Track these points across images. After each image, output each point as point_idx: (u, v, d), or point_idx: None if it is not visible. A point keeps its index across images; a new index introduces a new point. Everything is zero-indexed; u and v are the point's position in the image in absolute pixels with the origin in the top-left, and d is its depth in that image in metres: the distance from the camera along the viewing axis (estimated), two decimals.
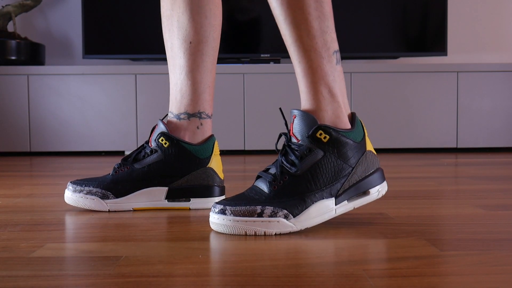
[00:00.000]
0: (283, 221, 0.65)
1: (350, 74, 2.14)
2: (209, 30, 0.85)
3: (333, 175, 0.67)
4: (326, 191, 0.67)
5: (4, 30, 2.22)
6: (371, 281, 0.47)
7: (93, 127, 2.10)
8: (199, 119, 0.85)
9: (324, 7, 0.68)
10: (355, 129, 0.69)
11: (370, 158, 0.70)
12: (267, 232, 0.64)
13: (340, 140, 0.67)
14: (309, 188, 0.66)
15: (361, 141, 0.70)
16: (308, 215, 0.66)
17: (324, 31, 0.68)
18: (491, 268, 0.51)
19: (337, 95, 0.70)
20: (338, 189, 0.67)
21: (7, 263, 0.54)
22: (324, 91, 0.69)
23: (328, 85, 0.69)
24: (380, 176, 0.71)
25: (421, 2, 2.25)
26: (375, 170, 0.71)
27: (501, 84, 2.16)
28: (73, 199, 0.83)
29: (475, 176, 1.28)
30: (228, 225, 0.65)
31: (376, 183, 0.70)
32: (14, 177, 1.32)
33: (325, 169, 0.67)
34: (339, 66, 0.71)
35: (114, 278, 0.49)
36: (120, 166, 0.84)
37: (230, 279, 0.48)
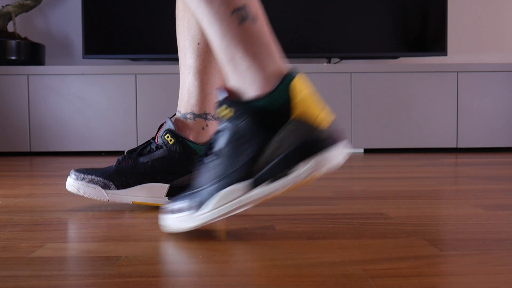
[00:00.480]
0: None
1: (350, 74, 2.14)
2: None
3: (242, 155, 0.60)
4: (236, 173, 0.60)
5: (4, 30, 2.22)
6: (371, 281, 0.47)
7: (93, 127, 2.10)
8: (205, 120, 0.85)
9: None
10: (273, 93, 0.58)
11: (297, 126, 0.57)
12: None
13: (239, 116, 0.59)
14: (216, 174, 0.62)
15: (278, 109, 0.58)
16: (220, 201, 0.61)
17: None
18: (491, 268, 0.51)
19: (237, 61, 0.60)
20: (251, 170, 0.59)
21: (7, 263, 0.54)
22: (234, 58, 0.60)
23: (234, 52, 0.60)
24: (307, 149, 0.57)
25: (421, 2, 2.25)
26: (302, 141, 0.58)
27: (501, 84, 2.16)
28: (74, 186, 0.83)
29: (475, 176, 1.28)
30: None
31: (296, 161, 0.57)
32: (14, 177, 1.32)
33: (232, 149, 0.60)
34: (247, 25, 0.60)
35: (114, 278, 0.49)
36: (124, 158, 0.85)
37: (230, 279, 0.48)
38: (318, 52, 2.26)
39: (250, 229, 0.69)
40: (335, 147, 0.58)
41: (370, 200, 0.92)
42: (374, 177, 1.26)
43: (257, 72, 0.59)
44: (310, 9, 2.23)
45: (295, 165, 0.57)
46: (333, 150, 0.57)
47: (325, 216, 0.78)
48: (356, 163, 1.68)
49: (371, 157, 1.92)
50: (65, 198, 0.97)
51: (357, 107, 2.14)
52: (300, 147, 0.57)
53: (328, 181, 1.18)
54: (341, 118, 2.13)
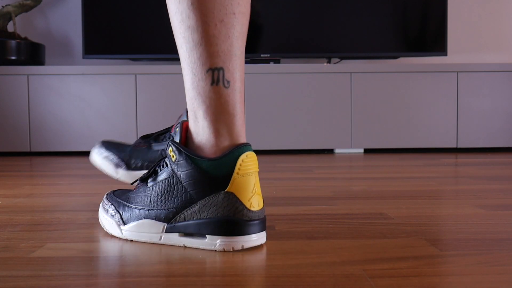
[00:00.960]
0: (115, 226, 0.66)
1: (350, 74, 2.14)
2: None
3: (171, 199, 0.60)
4: (159, 212, 0.61)
5: (4, 30, 2.22)
6: (371, 281, 0.47)
7: (93, 127, 2.10)
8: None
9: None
10: (219, 160, 0.58)
11: (227, 201, 0.57)
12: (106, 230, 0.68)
13: (181, 163, 0.59)
14: (147, 201, 0.62)
15: (218, 176, 0.58)
16: (137, 228, 0.63)
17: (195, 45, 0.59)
18: (491, 268, 0.51)
19: (199, 115, 0.60)
20: (171, 217, 0.60)
21: (7, 263, 0.54)
22: (196, 112, 0.61)
23: (197, 107, 0.60)
24: (225, 228, 0.57)
25: (421, 2, 2.25)
26: (224, 218, 0.57)
27: (501, 84, 2.16)
28: (92, 158, 0.91)
29: (475, 176, 1.28)
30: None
31: (216, 232, 0.58)
32: (14, 177, 1.32)
33: (165, 189, 0.61)
34: (218, 87, 0.59)
35: (114, 278, 0.49)
36: (140, 142, 0.89)
37: (230, 279, 0.48)
38: (318, 52, 2.26)
39: None
40: (254, 235, 0.59)
41: (370, 200, 0.92)
42: (374, 177, 1.26)
43: (211, 136, 0.60)
44: (310, 9, 2.23)
45: (209, 234, 0.58)
46: (252, 237, 0.58)
47: (325, 216, 0.78)
48: (356, 163, 1.68)
49: (371, 157, 1.91)
50: (65, 198, 0.97)
51: (357, 107, 2.14)
52: (222, 222, 0.57)
53: (328, 181, 1.18)
54: (341, 118, 2.13)
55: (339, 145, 2.15)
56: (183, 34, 0.59)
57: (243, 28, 0.61)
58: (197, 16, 0.58)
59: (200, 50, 0.58)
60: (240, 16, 0.60)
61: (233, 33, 0.59)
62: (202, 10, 0.58)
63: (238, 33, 0.60)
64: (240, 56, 0.61)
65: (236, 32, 0.59)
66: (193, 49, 0.59)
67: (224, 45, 0.59)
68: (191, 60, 0.59)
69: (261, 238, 0.60)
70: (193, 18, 0.58)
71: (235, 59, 0.60)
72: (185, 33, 0.59)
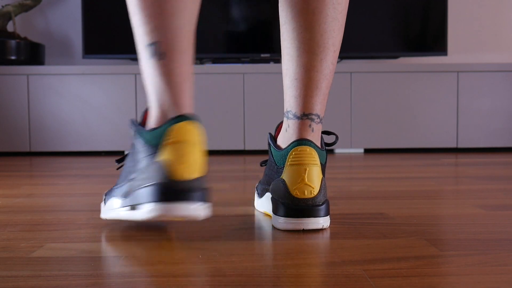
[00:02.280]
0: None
1: (350, 74, 2.14)
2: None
3: (125, 174, 0.64)
4: (120, 188, 0.66)
5: (4, 30, 2.22)
6: (371, 281, 0.47)
7: (93, 127, 2.10)
8: (287, 119, 0.76)
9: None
10: (155, 131, 0.60)
11: (155, 168, 0.59)
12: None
13: (135, 137, 0.64)
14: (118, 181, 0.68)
15: (155, 146, 0.60)
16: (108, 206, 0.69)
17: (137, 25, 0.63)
18: (491, 268, 0.51)
19: (148, 92, 0.64)
20: (124, 191, 0.64)
21: (7, 263, 0.54)
22: (147, 88, 0.65)
23: (146, 83, 0.65)
24: (154, 193, 0.58)
25: (421, 2, 2.25)
26: (153, 184, 0.58)
27: (501, 84, 2.16)
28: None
29: (475, 176, 1.28)
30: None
31: (146, 199, 0.59)
32: (14, 177, 1.32)
33: (126, 164, 0.66)
34: (153, 60, 0.63)
35: (114, 278, 0.49)
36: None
37: (230, 279, 0.48)
38: None
39: (250, 229, 0.69)
40: (183, 203, 0.58)
41: (370, 200, 0.92)
42: (374, 177, 1.26)
43: (154, 106, 0.63)
44: None
45: (143, 203, 0.59)
46: (188, 206, 0.58)
47: None
48: (356, 163, 1.68)
49: (371, 157, 1.91)
50: (65, 198, 0.97)
51: (357, 107, 2.14)
52: (152, 190, 0.58)
53: (328, 181, 1.18)
54: (341, 118, 2.13)
55: (339, 145, 2.15)
56: (132, 23, 0.64)
57: (181, 3, 0.62)
58: (136, 2, 0.62)
59: (139, 31, 0.63)
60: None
61: (167, 9, 0.61)
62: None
63: (175, 8, 0.62)
64: (180, 29, 0.62)
65: (172, 7, 0.62)
66: (136, 32, 0.64)
67: (157, 21, 0.61)
68: (137, 38, 0.64)
69: (198, 210, 0.58)
70: (131, 3, 0.63)
71: (171, 32, 0.62)
72: (132, 21, 0.64)
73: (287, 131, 0.72)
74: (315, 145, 0.68)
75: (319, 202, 0.66)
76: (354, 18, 2.25)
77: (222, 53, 2.27)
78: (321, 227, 0.66)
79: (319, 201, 0.66)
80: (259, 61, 2.23)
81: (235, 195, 0.99)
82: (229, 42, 2.27)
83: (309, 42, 0.69)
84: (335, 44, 0.70)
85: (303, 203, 0.66)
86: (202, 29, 2.21)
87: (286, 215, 0.66)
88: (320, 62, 0.70)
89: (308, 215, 0.66)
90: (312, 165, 0.67)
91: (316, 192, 0.66)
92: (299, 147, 0.67)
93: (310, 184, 0.66)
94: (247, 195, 0.98)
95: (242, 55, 2.25)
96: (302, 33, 0.69)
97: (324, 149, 0.71)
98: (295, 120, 0.71)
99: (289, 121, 0.71)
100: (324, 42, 0.69)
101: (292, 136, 0.71)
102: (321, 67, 0.70)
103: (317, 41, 0.69)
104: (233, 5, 2.26)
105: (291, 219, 0.66)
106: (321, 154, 0.69)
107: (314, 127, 0.71)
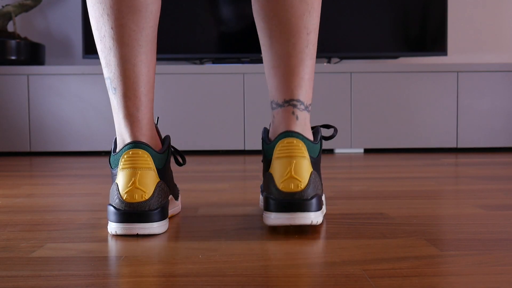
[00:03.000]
0: None
1: (350, 74, 2.14)
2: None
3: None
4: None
5: (4, 30, 2.22)
6: (371, 281, 0.47)
7: (93, 127, 2.10)
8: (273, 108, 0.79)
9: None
10: (115, 155, 0.68)
11: (112, 189, 0.67)
12: None
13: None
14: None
15: (115, 169, 0.68)
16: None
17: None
18: (491, 268, 0.51)
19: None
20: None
21: (7, 263, 0.54)
22: None
23: None
24: (111, 213, 0.65)
25: (421, 2, 2.25)
26: (110, 204, 0.67)
27: (501, 84, 2.16)
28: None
29: (475, 176, 1.28)
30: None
31: (108, 217, 0.66)
32: (14, 177, 1.32)
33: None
34: (110, 93, 0.71)
35: (114, 278, 0.49)
36: None
37: (230, 279, 0.48)
38: (318, 52, 2.26)
39: (250, 229, 0.69)
40: (135, 224, 0.65)
41: (370, 200, 0.92)
42: (374, 177, 1.26)
43: (117, 131, 0.70)
44: None
45: (108, 221, 0.66)
46: (135, 225, 0.64)
47: (325, 216, 0.78)
48: (356, 163, 1.68)
49: (371, 157, 1.92)
50: (65, 198, 0.97)
51: (357, 107, 2.14)
52: (109, 209, 0.65)
53: (328, 181, 1.18)
54: (341, 118, 2.13)
55: (339, 145, 2.15)
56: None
57: (125, 37, 0.67)
58: (94, 34, 0.69)
59: (101, 63, 0.70)
60: (118, 29, 0.66)
61: (113, 44, 0.67)
62: (94, 28, 0.68)
63: (118, 43, 0.67)
64: (127, 63, 0.67)
65: (117, 42, 0.67)
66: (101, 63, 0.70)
67: (108, 57, 0.68)
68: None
69: (152, 229, 0.65)
70: (94, 36, 0.69)
71: (117, 68, 0.67)
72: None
73: (274, 122, 0.71)
74: (303, 137, 0.66)
75: (307, 196, 0.63)
76: (354, 18, 2.25)
77: (222, 53, 2.27)
78: (310, 223, 0.63)
79: (307, 195, 0.63)
80: (259, 61, 2.23)
81: (235, 195, 0.99)
82: (229, 42, 2.27)
83: (278, 28, 0.68)
84: (307, 27, 0.68)
85: (289, 197, 0.63)
86: (202, 29, 2.21)
87: (273, 210, 0.64)
88: (293, 46, 0.68)
89: (296, 209, 0.63)
90: (300, 157, 0.64)
91: (304, 185, 0.63)
92: (286, 139, 0.65)
93: (297, 177, 0.63)
94: (247, 195, 0.98)
95: (242, 55, 2.25)
96: (270, 20, 0.69)
97: (318, 142, 0.69)
98: (278, 109, 0.70)
99: (274, 111, 0.71)
100: (294, 26, 0.68)
101: (278, 127, 0.69)
102: (294, 51, 0.68)
103: (286, 26, 0.68)
104: (233, 5, 2.26)
105: (279, 214, 0.63)
106: (312, 147, 0.67)
107: (299, 115, 0.69)
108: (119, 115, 0.69)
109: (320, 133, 0.72)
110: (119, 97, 0.68)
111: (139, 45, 0.67)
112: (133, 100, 0.68)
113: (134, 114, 0.68)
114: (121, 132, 0.69)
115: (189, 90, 2.11)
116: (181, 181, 1.21)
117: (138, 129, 0.69)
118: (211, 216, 0.78)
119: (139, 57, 0.68)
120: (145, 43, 0.68)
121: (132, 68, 0.67)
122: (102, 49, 0.68)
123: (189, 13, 2.21)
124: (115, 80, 0.68)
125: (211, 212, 0.82)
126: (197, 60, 2.31)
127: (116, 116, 0.69)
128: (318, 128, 0.72)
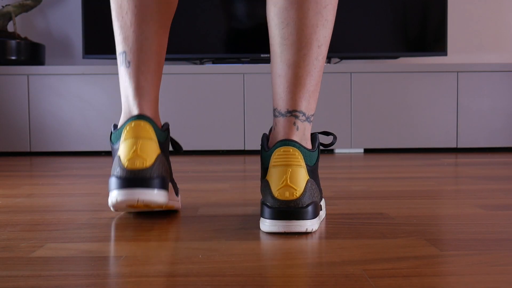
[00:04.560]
0: None
1: (350, 74, 2.14)
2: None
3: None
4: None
5: (4, 30, 2.22)
6: (371, 281, 0.47)
7: (93, 127, 2.10)
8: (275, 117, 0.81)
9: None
10: (117, 131, 0.71)
11: (115, 161, 0.70)
12: None
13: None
14: None
15: (117, 143, 0.71)
16: None
17: None
18: (491, 268, 0.51)
19: (121, 95, 0.76)
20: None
21: (7, 263, 0.54)
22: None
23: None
24: (115, 181, 0.68)
25: (421, 2, 2.25)
26: (113, 174, 0.69)
27: (501, 84, 2.16)
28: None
29: (475, 176, 1.28)
30: None
31: (111, 187, 0.68)
32: (14, 177, 1.32)
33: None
34: (123, 68, 0.74)
35: (114, 278, 0.49)
36: None
37: (230, 279, 0.48)
38: None
39: (250, 229, 0.69)
40: (139, 189, 0.67)
41: (370, 200, 0.92)
42: (374, 177, 1.26)
43: (123, 109, 0.73)
44: None
45: (111, 190, 0.68)
46: (139, 190, 0.67)
47: (325, 216, 0.78)
48: (356, 163, 1.68)
49: (371, 157, 1.92)
50: (65, 198, 0.97)
51: (357, 107, 2.14)
52: (113, 179, 0.68)
53: (328, 181, 1.18)
54: (341, 118, 2.13)
55: (339, 145, 2.15)
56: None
57: (147, 16, 0.72)
58: (113, 12, 0.73)
59: (116, 39, 0.74)
60: (142, 8, 0.72)
61: (135, 21, 0.72)
62: (115, 6, 0.73)
63: (141, 20, 0.72)
64: (146, 40, 0.72)
65: (139, 19, 0.72)
66: (115, 41, 0.74)
67: (127, 33, 0.72)
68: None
69: (155, 195, 0.67)
70: (112, 12, 0.74)
71: (136, 44, 0.72)
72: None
73: (274, 129, 0.71)
74: (300, 145, 0.66)
75: (302, 204, 0.64)
76: (354, 18, 2.25)
77: (222, 53, 2.27)
78: (305, 230, 0.64)
79: (302, 203, 0.64)
80: (259, 61, 2.23)
81: (235, 195, 0.99)
82: (229, 42, 2.27)
83: (290, 37, 0.68)
84: (319, 40, 0.68)
85: (285, 205, 0.64)
86: (202, 29, 2.21)
87: (269, 217, 0.65)
88: (302, 57, 0.68)
89: (292, 217, 0.63)
90: (296, 166, 0.65)
91: (299, 194, 0.64)
92: (283, 148, 0.66)
93: (292, 186, 0.64)
94: (247, 195, 0.98)
95: (242, 55, 2.25)
96: (284, 28, 0.69)
97: (316, 150, 0.69)
98: (279, 118, 0.70)
99: (276, 119, 0.71)
100: (306, 37, 0.68)
101: (278, 135, 0.69)
102: (303, 62, 0.68)
103: (298, 36, 0.68)
104: (233, 5, 2.26)
105: (274, 221, 0.64)
106: (308, 155, 0.67)
107: (299, 125, 0.69)
108: (130, 87, 0.72)
109: (318, 140, 0.72)
110: (133, 69, 0.72)
111: (159, 26, 0.73)
112: (145, 74, 0.72)
113: (145, 87, 0.72)
114: (129, 105, 0.72)
115: (189, 90, 2.11)
116: (181, 181, 1.21)
117: (146, 102, 0.71)
118: (211, 216, 0.78)
119: (156, 38, 0.73)
120: (164, 27, 0.74)
121: (149, 45, 0.72)
122: (121, 25, 0.72)
123: (189, 13, 2.21)
124: (131, 54, 0.72)
125: (211, 212, 0.82)
126: (197, 60, 2.31)
127: (125, 90, 0.72)
128: (316, 135, 0.72)
